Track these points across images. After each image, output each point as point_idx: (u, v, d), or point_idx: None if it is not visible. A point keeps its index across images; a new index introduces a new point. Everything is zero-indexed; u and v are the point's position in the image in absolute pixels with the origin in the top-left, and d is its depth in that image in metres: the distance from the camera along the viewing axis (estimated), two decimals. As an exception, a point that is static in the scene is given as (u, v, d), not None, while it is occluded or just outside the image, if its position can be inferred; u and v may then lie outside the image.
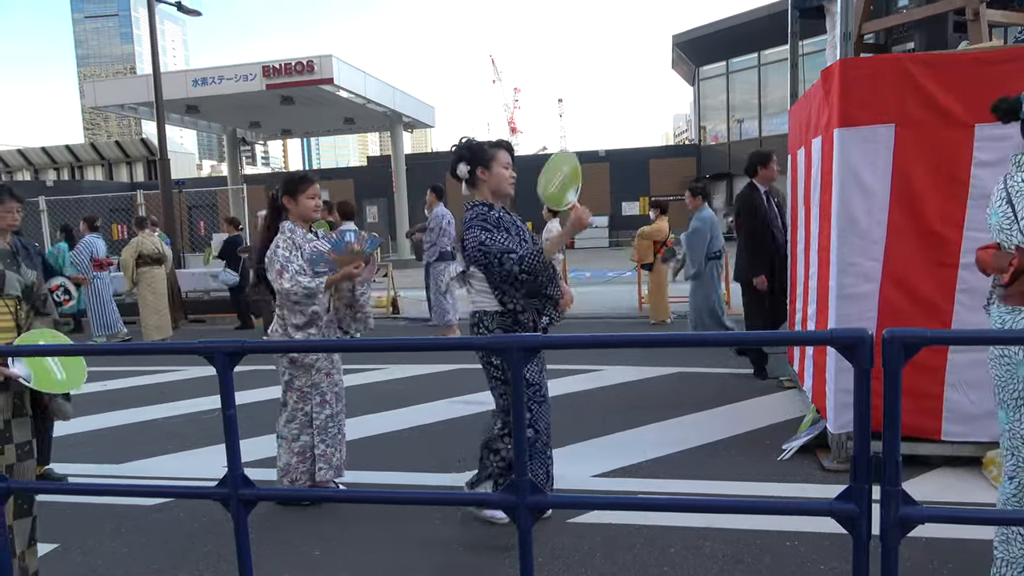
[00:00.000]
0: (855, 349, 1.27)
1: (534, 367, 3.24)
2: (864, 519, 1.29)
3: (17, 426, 2.46)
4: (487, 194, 3.28)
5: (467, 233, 3.18)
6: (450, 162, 3.33)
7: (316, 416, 3.66)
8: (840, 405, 3.77)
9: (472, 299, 3.30)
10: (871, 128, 3.57)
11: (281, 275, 3.48)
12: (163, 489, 2.13)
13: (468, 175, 3.26)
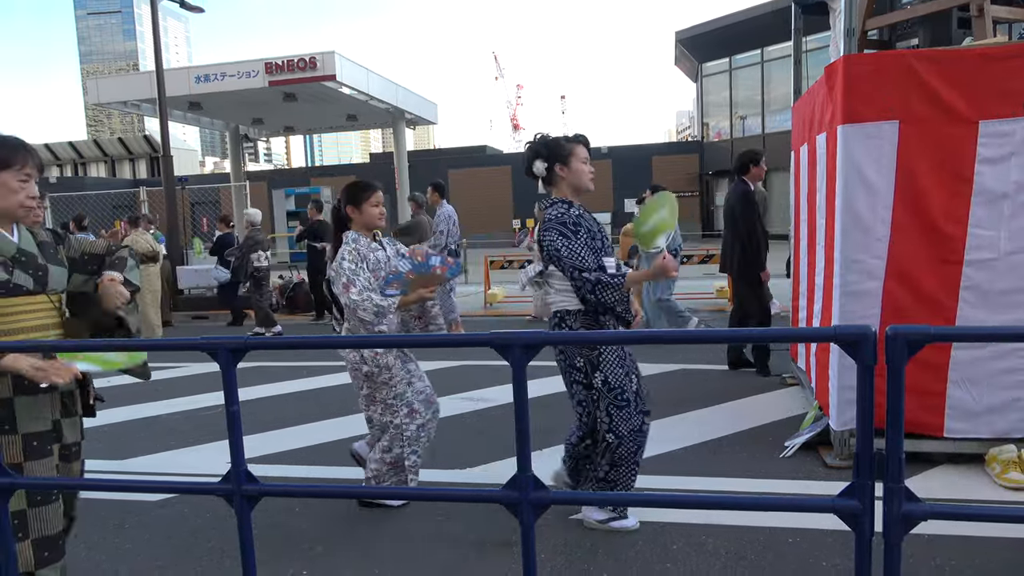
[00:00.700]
0: (858, 346, 1.27)
1: (617, 368, 3.10)
2: (867, 516, 1.29)
3: (67, 427, 2.36)
4: (566, 191, 3.19)
5: (545, 235, 3.10)
6: (525, 160, 3.24)
7: (406, 428, 3.48)
8: (843, 402, 3.77)
9: (551, 299, 3.22)
10: (875, 124, 3.56)
11: (348, 289, 3.29)
12: (167, 485, 2.14)
13: (546, 172, 3.18)
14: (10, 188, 2.19)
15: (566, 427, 4.80)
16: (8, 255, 2.20)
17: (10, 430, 2.16)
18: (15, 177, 2.19)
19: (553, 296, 3.21)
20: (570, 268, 3.01)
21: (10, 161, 2.18)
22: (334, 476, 4.13)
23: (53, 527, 2.25)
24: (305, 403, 5.80)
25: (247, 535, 1.64)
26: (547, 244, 3.09)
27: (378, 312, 3.28)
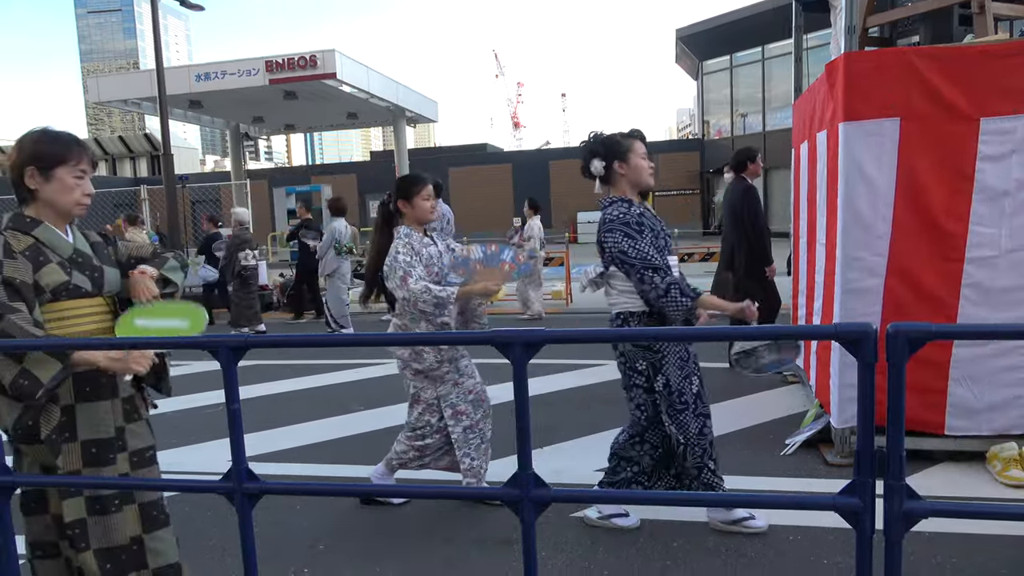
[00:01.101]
0: (859, 344, 1.26)
1: (677, 371, 3.01)
2: (868, 514, 1.29)
3: (131, 434, 2.22)
4: (625, 189, 3.10)
5: (607, 236, 3.01)
6: (582, 158, 3.15)
7: (452, 430, 3.41)
8: (844, 400, 3.77)
9: (612, 300, 3.13)
10: (876, 122, 3.56)
11: (406, 281, 3.20)
12: (168, 483, 2.14)
13: (604, 171, 3.09)
14: (66, 185, 2.11)
15: (567, 425, 4.83)
16: (65, 256, 2.12)
17: (70, 437, 2.09)
18: (70, 173, 2.11)
19: (615, 297, 3.11)
20: (639, 269, 2.91)
21: (64, 157, 2.10)
22: (334, 474, 4.14)
23: (119, 538, 2.14)
24: (305, 401, 5.80)
25: (248, 533, 1.64)
26: (610, 245, 3.00)
27: (438, 303, 3.19)
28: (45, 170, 2.08)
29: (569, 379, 6.07)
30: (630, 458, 3.19)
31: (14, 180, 2.11)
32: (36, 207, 2.13)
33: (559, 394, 5.67)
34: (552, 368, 6.37)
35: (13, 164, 2.09)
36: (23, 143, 2.10)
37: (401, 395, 5.72)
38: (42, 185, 2.09)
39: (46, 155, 2.08)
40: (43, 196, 2.10)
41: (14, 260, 2.03)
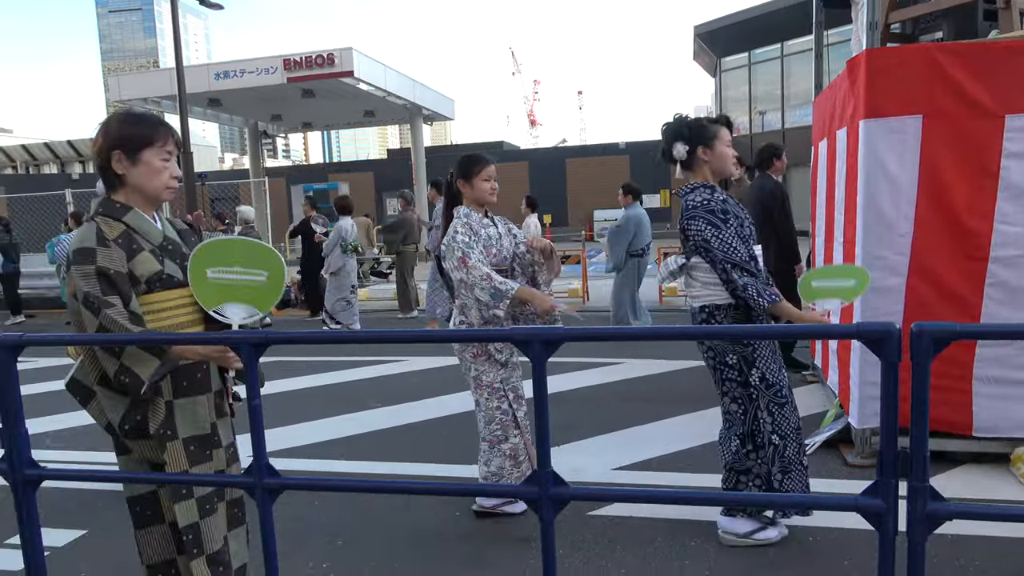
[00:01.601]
0: (883, 343, 1.25)
1: (772, 364, 2.92)
2: (891, 515, 1.28)
3: (221, 428, 2.18)
4: (707, 175, 3.00)
5: (691, 223, 2.90)
6: (663, 141, 3.03)
7: (518, 411, 3.30)
8: (865, 400, 3.73)
9: (695, 292, 3.02)
10: (898, 119, 3.51)
11: (465, 263, 3.12)
12: (190, 478, 2.15)
13: (686, 155, 2.99)
14: (154, 168, 2.03)
15: (585, 423, 4.82)
16: (156, 243, 2.03)
17: (171, 435, 2.02)
18: (157, 156, 2.03)
19: (698, 290, 3.00)
20: (721, 262, 2.82)
21: (151, 138, 2.02)
22: (352, 470, 4.16)
23: (219, 539, 2.10)
24: (323, 398, 5.84)
25: (269, 527, 1.65)
26: (693, 233, 2.89)
27: (495, 294, 3.09)
28: (132, 153, 2.00)
29: (587, 377, 6.06)
30: (748, 470, 3.00)
31: (101, 165, 2.02)
32: (125, 192, 2.04)
33: (577, 392, 5.66)
34: (569, 366, 6.37)
35: (99, 148, 2.01)
36: (108, 126, 2.02)
37: (419, 391, 5.78)
38: (129, 169, 2.01)
39: (133, 137, 2.01)
40: (131, 181, 2.02)
41: (107, 248, 1.94)
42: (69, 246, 1.96)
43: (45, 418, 5.48)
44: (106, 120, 2.05)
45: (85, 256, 1.91)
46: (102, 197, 2.06)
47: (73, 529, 3.50)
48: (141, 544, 2.12)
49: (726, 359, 2.95)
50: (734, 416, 3.02)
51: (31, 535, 1.83)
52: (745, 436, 3.00)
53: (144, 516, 2.10)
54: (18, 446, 1.77)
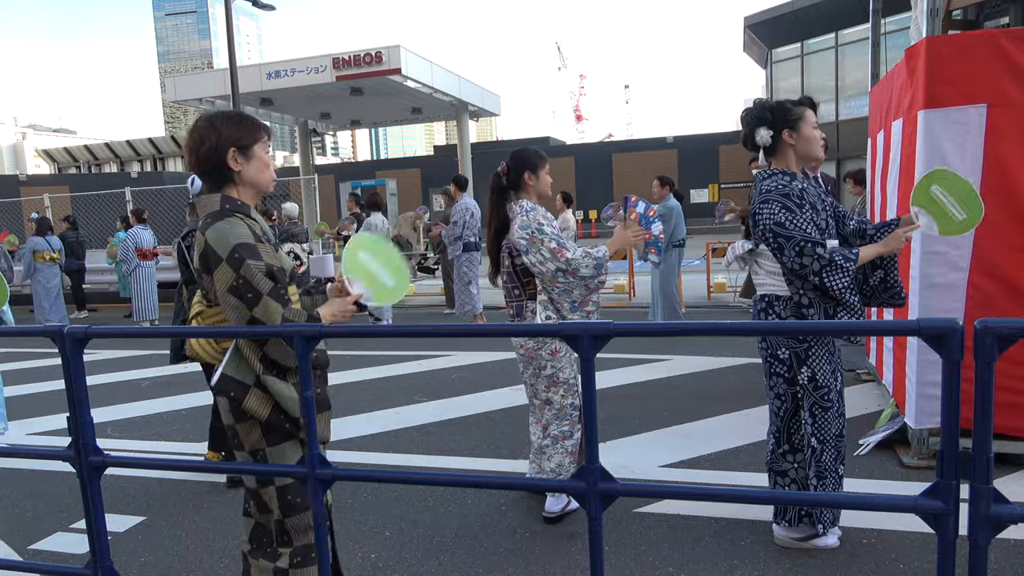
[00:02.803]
0: (945, 340, 1.21)
1: (825, 365, 2.79)
2: (952, 517, 1.24)
3: (324, 421, 2.19)
4: (791, 161, 2.87)
5: (763, 207, 2.77)
6: (745, 127, 2.90)
7: (580, 408, 3.27)
8: (922, 399, 3.61)
9: (759, 281, 2.91)
10: (960, 109, 3.39)
11: (562, 252, 3.08)
12: (247, 467, 2.21)
13: (771, 140, 2.85)
14: (264, 162, 2.08)
15: (629, 420, 4.79)
16: (270, 239, 2.08)
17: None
18: (264, 150, 2.09)
19: (762, 278, 2.89)
20: (799, 242, 2.66)
21: (259, 134, 2.08)
22: (399, 463, 4.22)
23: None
24: (369, 391, 5.92)
25: (320, 516, 1.69)
26: (765, 217, 2.74)
27: (597, 264, 3.10)
28: (245, 149, 2.04)
29: (634, 373, 6.02)
30: (784, 472, 2.96)
31: (215, 164, 2.02)
32: (238, 189, 2.06)
33: (623, 388, 5.63)
34: (616, 362, 6.33)
35: (212, 147, 2.00)
36: (216, 125, 2.02)
37: (462, 387, 5.81)
38: (244, 165, 2.04)
39: (244, 134, 2.04)
40: (246, 176, 2.05)
41: (264, 245, 1.99)
42: (226, 242, 1.93)
43: (107, 408, 5.69)
44: (209, 120, 2.04)
45: (252, 252, 1.93)
46: (220, 195, 2.03)
47: (134, 516, 3.63)
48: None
49: (777, 352, 2.86)
50: (776, 413, 2.95)
51: (96, 520, 1.91)
52: (780, 434, 2.94)
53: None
54: (85, 433, 1.84)
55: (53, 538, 3.43)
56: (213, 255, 1.93)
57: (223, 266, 1.92)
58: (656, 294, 7.79)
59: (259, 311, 1.91)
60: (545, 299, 3.25)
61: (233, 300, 1.92)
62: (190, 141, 2.05)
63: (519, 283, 3.32)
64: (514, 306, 3.36)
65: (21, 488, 4.09)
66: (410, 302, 11.68)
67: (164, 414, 5.55)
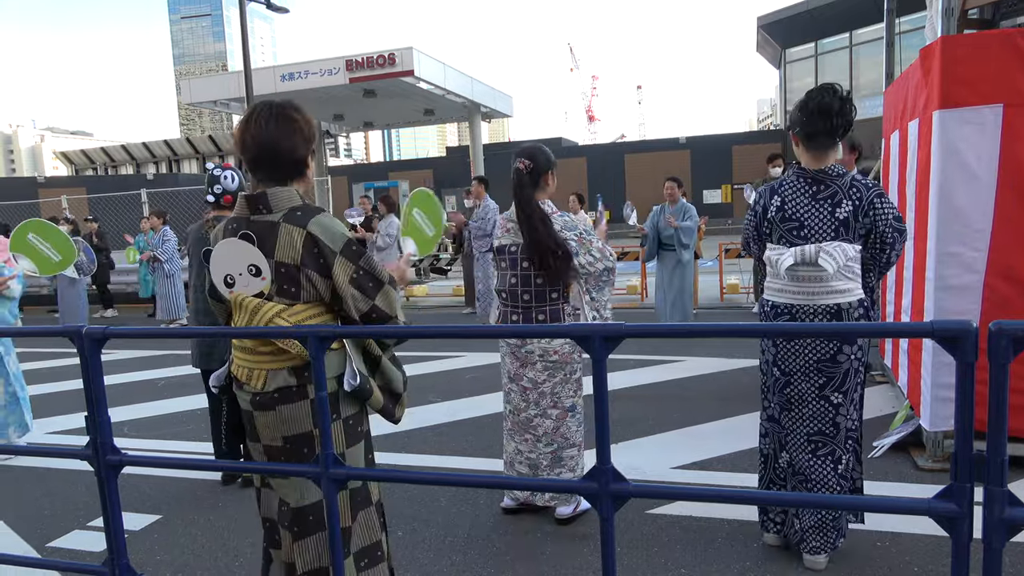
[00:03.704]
0: (959, 342, 1.21)
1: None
2: (966, 520, 1.23)
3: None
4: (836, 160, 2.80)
5: (884, 200, 2.63)
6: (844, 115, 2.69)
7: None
8: (937, 401, 3.59)
9: (842, 286, 2.68)
10: (975, 109, 3.36)
11: (607, 250, 3.19)
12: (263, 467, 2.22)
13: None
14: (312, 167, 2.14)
15: (644, 420, 4.78)
16: None
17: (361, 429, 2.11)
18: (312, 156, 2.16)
19: (849, 282, 2.68)
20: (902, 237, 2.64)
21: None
22: (414, 463, 4.23)
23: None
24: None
25: (334, 516, 1.70)
26: (888, 210, 2.62)
27: (613, 256, 3.26)
28: (314, 151, 2.10)
29: (646, 375, 6.01)
30: (858, 488, 2.86)
31: (294, 157, 1.99)
32: (303, 184, 2.07)
33: (635, 389, 5.62)
34: (628, 363, 6.32)
35: (302, 141, 2.00)
36: (307, 120, 2.02)
37: (477, 387, 5.82)
38: (312, 165, 2.09)
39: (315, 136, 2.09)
40: (309, 176, 2.09)
41: None
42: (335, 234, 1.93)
43: (124, 407, 5.75)
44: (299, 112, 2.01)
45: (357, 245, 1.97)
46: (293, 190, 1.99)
47: (149, 514, 3.67)
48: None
49: (867, 357, 2.73)
50: (852, 427, 2.75)
51: (113, 518, 1.93)
52: (854, 451, 2.79)
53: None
54: (102, 433, 1.87)
55: (71, 536, 3.47)
56: (327, 249, 1.90)
57: (340, 259, 1.91)
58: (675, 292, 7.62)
59: (381, 300, 1.94)
60: (589, 299, 3.24)
61: (355, 292, 1.92)
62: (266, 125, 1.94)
63: (557, 287, 3.18)
64: (547, 311, 3.18)
65: (40, 486, 4.14)
66: (423, 303, 11.72)
67: (180, 414, 5.59)
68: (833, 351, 2.67)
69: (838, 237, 2.65)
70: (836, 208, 2.66)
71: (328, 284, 1.93)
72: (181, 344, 8.00)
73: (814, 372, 2.71)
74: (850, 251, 2.64)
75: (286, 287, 1.93)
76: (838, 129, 2.67)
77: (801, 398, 2.76)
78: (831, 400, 2.71)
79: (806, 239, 2.70)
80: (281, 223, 1.91)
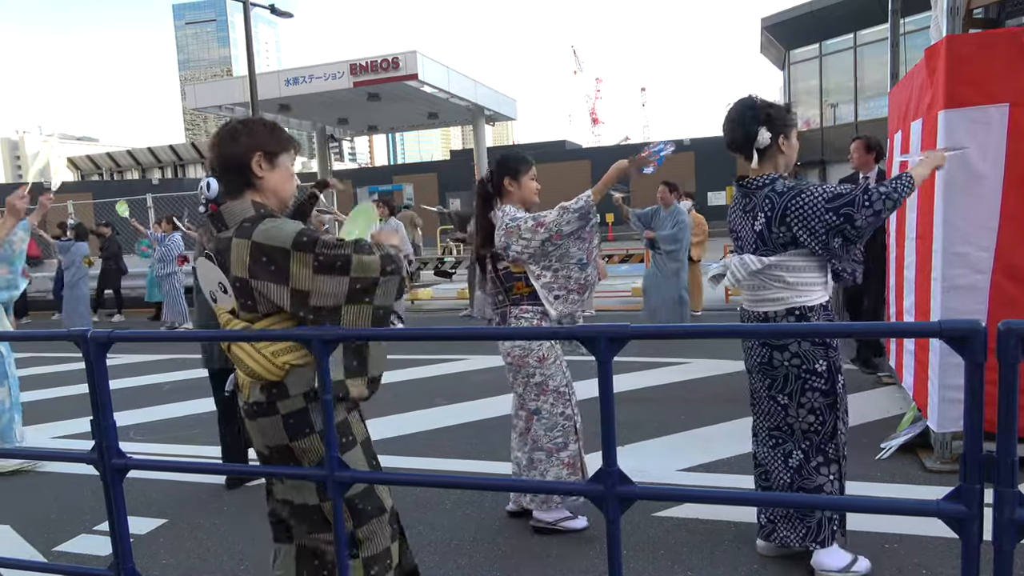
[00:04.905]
0: (967, 342, 1.20)
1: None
2: (975, 521, 1.22)
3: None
4: (779, 168, 2.80)
5: (801, 197, 2.58)
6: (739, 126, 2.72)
7: (575, 417, 3.19)
8: (944, 402, 3.57)
9: (778, 295, 2.68)
10: (981, 109, 3.35)
11: (541, 224, 3.01)
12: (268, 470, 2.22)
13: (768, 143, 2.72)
14: (289, 173, 2.04)
15: (649, 422, 4.76)
16: None
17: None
18: (290, 161, 2.05)
19: (781, 291, 2.68)
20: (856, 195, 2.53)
21: (288, 144, 2.04)
22: (420, 466, 4.22)
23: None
24: (392, 394, 5.94)
25: (339, 517, 1.70)
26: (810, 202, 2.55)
27: (580, 213, 2.98)
28: (272, 156, 1.99)
29: (651, 377, 5.99)
30: (820, 487, 2.79)
31: (239, 165, 1.95)
32: (261, 195, 1.98)
33: (638, 392, 5.61)
34: (634, 365, 6.31)
35: (240, 147, 1.95)
36: (248, 125, 1.99)
37: (480, 390, 5.82)
38: (268, 172, 1.98)
39: (273, 141, 2.00)
40: (268, 184, 1.98)
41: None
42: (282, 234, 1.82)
43: (129, 412, 5.76)
44: (244, 123, 2.00)
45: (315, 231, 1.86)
46: (248, 201, 1.95)
47: (155, 518, 3.67)
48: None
49: (815, 366, 2.64)
50: (809, 429, 2.74)
51: (119, 522, 1.93)
52: (810, 450, 2.76)
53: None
54: (107, 437, 1.87)
55: (77, 540, 3.48)
56: (275, 252, 1.80)
57: (295, 255, 1.79)
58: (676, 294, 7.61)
59: (356, 269, 1.80)
60: (541, 289, 3.10)
61: (325, 279, 1.79)
62: (216, 138, 1.99)
63: (503, 288, 3.20)
64: (499, 313, 3.23)
65: (46, 490, 4.15)
66: (427, 306, 11.72)
67: (185, 418, 5.60)
68: (767, 356, 2.71)
69: (757, 250, 2.69)
70: (754, 220, 2.70)
71: (284, 291, 1.81)
72: (185, 348, 8.01)
73: (758, 372, 2.80)
74: (752, 264, 2.67)
75: (244, 301, 1.90)
76: (737, 141, 2.73)
77: (757, 394, 2.88)
78: (778, 400, 2.76)
79: (740, 250, 2.80)
80: (233, 238, 1.87)
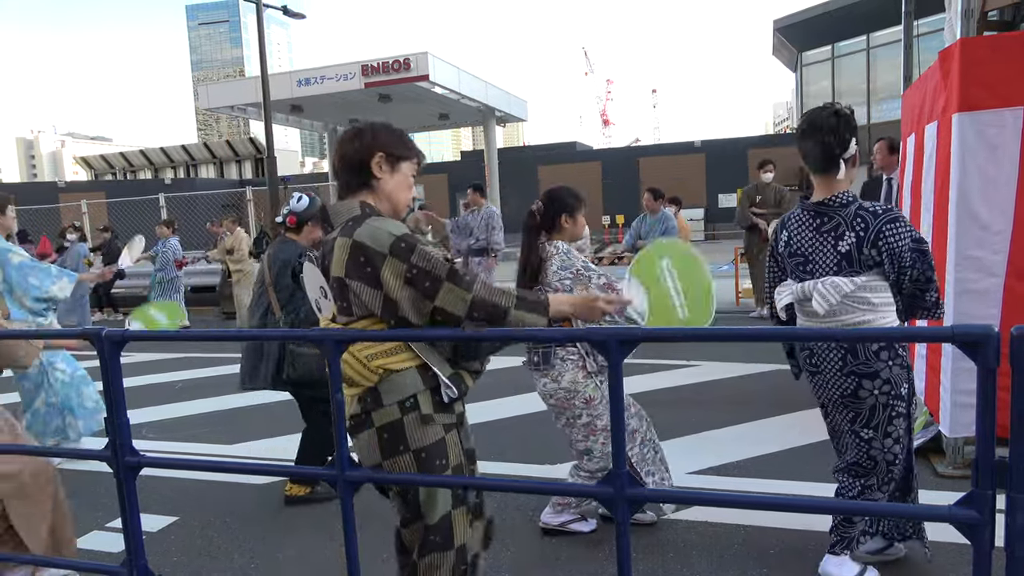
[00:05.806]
0: (980, 347, 1.19)
1: None
2: (987, 527, 1.22)
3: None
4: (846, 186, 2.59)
5: (895, 225, 2.40)
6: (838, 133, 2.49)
7: (635, 448, 3.15)
8: (957, 407, 3.54)
9: (863, 318, 2.48)
10: (995, 112, 3.33)
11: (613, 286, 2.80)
12: (277, 468, 2.24)
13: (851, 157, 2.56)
14: (408, 181, 2.00)
15: (659, 424, 4.71)
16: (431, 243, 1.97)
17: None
18: (411, 170, 2.02)
19: (865, 314, 2.48)
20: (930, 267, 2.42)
21: (412, 153, 2.01)
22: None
23: None
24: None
25: (349, 516, 1.71)
26: (903, 235, 2.39)
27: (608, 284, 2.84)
28: (395, 160, 1.96)
29: (661, 379, 5.98)
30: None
31: (359, 163, 1.94)
32: (374, 197, 1.95)
33: (648, 394, 5.59)
34: (644, 368, 6.30)
35: (363, 144, 1.95)
36: (376, 129, 1.99)
37: (490, 391, 5.81)
38: (387, 175, 1.95)
39: (398, 145, 1.98)
40: (385, 187, 1.96)
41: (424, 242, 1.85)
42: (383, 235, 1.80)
43: (141, 410, 5.80)
44: (369, 125, 2.01)
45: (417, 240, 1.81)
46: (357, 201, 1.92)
47: (167, 516, 3.70)
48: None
49: (900, 390, 2.48)
50: (893, 460, 2.53)
51: (131, 519, 1.95)
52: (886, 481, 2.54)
53: None
54: (121, 434, 1.89)
55: (90, 536, 3.50)
56: (373, 254, 1.77)
57: (389, 260, 1.76)
58: None
59: (444, 299, 1.75)
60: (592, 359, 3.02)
61: (410, 293, 1.76)
62: (344, 135, 1.98)
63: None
64: (540, 352, 3.02)
65: (59, 487, 4.18)
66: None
67: (197, 416, 5.64)
68: (854, 386, 2.51)
69: (840, 272, 2.48)
70: (839, 241, 2.48)
71: (377, 295, 1.78)
72: (194, 347, 8.08)
73: (841, 406, 2.59)
74: (845, 287, 2.45)
75: (341, 303, 1.86)
76: (832, 148, 2.46)
77: (836, 429, 2.70)
78: (861, 435, 2.55)
79: (812, 274, 2.56)
80: (337, 237, 1.86)
